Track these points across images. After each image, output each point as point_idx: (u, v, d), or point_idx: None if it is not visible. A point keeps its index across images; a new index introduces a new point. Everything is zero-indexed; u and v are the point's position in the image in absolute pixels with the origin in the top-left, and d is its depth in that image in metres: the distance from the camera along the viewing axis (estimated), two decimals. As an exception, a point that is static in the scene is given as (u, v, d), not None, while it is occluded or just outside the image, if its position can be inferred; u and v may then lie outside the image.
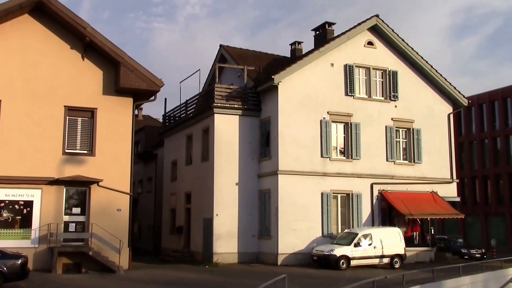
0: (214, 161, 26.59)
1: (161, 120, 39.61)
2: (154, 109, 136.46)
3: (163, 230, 33.27)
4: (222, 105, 27.02)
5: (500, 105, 49.34)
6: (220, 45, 32.83)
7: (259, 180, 27.25)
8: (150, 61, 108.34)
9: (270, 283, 10.55)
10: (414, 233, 28.24)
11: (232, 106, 27.24)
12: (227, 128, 27.01)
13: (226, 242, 26.10)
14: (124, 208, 22.48)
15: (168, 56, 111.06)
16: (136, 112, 28.54)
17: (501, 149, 49.16)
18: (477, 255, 32.07)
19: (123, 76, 22.32)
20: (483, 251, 33.42)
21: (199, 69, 30.33)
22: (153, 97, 23.78)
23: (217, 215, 26.16)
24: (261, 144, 27.51)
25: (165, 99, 34.64)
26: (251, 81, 28.83)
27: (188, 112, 30.93)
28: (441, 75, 30.17)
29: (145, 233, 38.77)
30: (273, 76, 26.07)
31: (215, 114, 26.91)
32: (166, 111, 34.23)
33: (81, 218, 22.00)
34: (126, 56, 22.49)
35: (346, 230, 25.91)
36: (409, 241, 27.03)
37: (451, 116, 30.81)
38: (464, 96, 30.86)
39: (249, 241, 26.60)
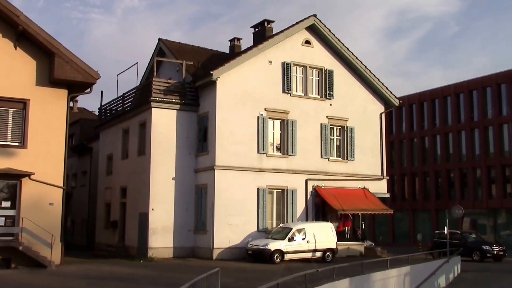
0: (151, 156, 26.41)
1: (97, 113, 38.81)
2: (90, 102, 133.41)
3: (97, 225, 32.69)
4: (160, 99, 26.85)
5: (428, 106, 51.63)
6: (159, 39, 32.55)
7: (196, 175, 27.31)
8: (87, 53, 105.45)
9: (203, 277, 10.64)
10: (346, 228, 29.13)
11: (170, 100, 27.12)
12: (164, 122, 26.88)
13: (161, 237, 26.03)
14: (57, 202, 21.96)
15: (105, 49, 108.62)
16: (71, 104, 27.85)
17: (429, 148, 51.49)
18: (500, 252, 31.52)
19: (57, 67, 21.74)
20: (504, 247, 32.54)
21: (137, 63, 29.97)
22: (88, 90, 23.28)
23: (153, 209, 26.02)
24: (199, 139, 27.57)
25: (102, 92, 34.06)
26: (190, 76, 28.79)
27: (125, 106, 30.50)
28: (374, 75, 31.22)
29: (79, 227, 37.93)
30: (211, 72, 26.16)
31: (152, 108, 26.71)
32: (102, 104, 33.61)
33: (11, 212, 21.29)
34: (61, 46, 21.92)
35: (280, 225, 26.42)
36: (341, 236, 27.89)
37: (383, 115, 31.94)
38: (395, 97, 32.07)
39: (185, 235, 26.65)
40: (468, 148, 48.14)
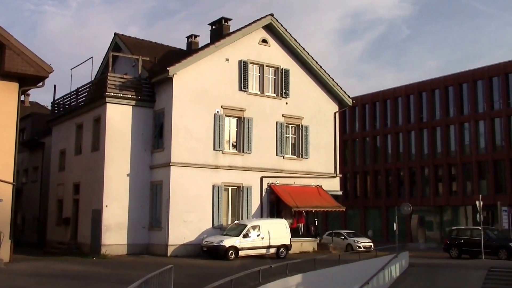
0: (105, 152, 26.13)
1: (49, 108, 37.96)
2: (42, 96, 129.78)
3: (49, 222, 32.05)
4: (115, 94, 26.58)
5: (380, 106, 52.96)
6: (115, 34, 32.14)
7: (151, 172, 27.20)
8: (39, 46, 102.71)
9: (155, 274, 10.61)
10: (300, 224, 29.64)
11: (126, 96, 26.89)
12: (119, 118, 26.63)
13: (115, 234, 25.80)
14: (6, 198, 21.41)
15: (59, 42, 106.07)
16: (22, 98, 27.18)
17: (380, 147, 52.83)
18: None
19: (8, 60, 21.16)
20: None
21: (92, 57, 29.55)
22: (41, 83, 22.76)
23: (106, 206, 25.77)
24: (154, 135, 27.45)
25: (55, 86, 33.46)
26: (146, 71, 28.61)
27: (79, 101, 30.01)
28: (329, 75, 31.81)
29: (30, 224, 37.03)
30: (168, 68, 26.09)
31: (107, 104, 26.41)
32: (55, 99, 32.94)
33: (-41, 208, 20.70)
34: (12, 38, 21.34)
35: (235, 222, 26.64)
36: (295, 232, 28.33)
37: (337, 114, 32.59)
38: (349, 97, 32.78)
39: (139, 232, 26.50)
40: (417, 147, 49.65)
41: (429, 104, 48.91)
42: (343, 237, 34.99)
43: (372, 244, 34.35)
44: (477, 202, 32.36)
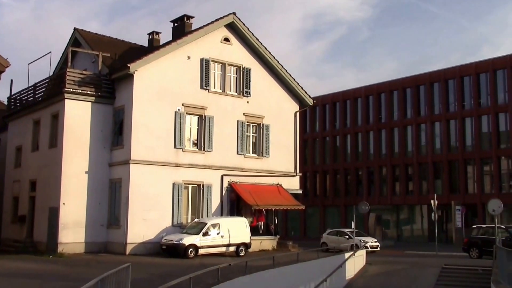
0: (63, 148, 25.70)
1: (5, 103, 36.99)
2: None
3: (4, 219, 31.28)
4: (74, 90, 26.18)
5: (340, 106, 53.73)
6: (75, 28, 31.62)
7: (111, 169, 26.90)
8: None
9: (112, 272, 10.49)
10: (260, 223, 29.84)
11: (85, 92, 26.51)
12: (78, 114, 26.24)
13: (73, 232, 25.43)
14: (-40, 195, 20.90)
15: (16, 36, 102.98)
16: (-24, 92, 26.48)
17: (340, 147, 53.62)
18: None
19: (-37, 53, 20.63)
20: None
21: (50, 52, 29.06)
22: (-3, 78, 22.27)
23: (64, 204, 25.36)
24: (114, 132, 27.15)
25: (11, 80, 32.55)
26: (106, 68, 28.26)
27: (36, 96, 29.41)
28: (290, 75, 32.11)
29: (-18, 222, 36.01)
30: (129, 65, 25.84)
31: (65, 100, 25.99)
32: (12, 94, 32.16)
33: None
34: (-32, 31, 20.83)
35: (195, 220, 26.62)
36: (254, 230, 28.52)
37: (298, 114, 32.93)
38: (310, 96, 33.16)
39: (98, 230, 26.19)
40: (375, 147, 50.61)
41: (387, 105, 49.91)
42: (347, 236, 33.77)
43: (379, 244, 34.11)
44: (432, 202, 33.32)
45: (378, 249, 33.69)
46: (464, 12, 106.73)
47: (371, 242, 33.64)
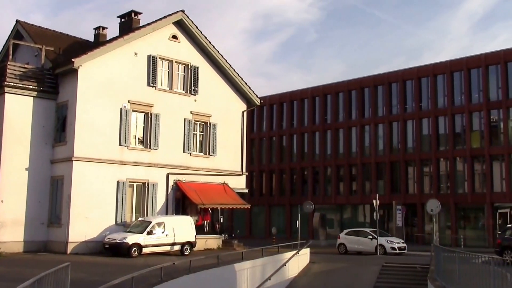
0: (2, 144, 24.83)
1: None
2: None
3: None
4: (15, 84, 25.35)
5: (287, 107, 54.34)
6: (17, 21, 30.58)
7: (52, 166, 26.22)
8: None
9: (51, 272, 10.22)
10: (205, 221, 29.78)
11: (26, 86, 25.71)
12: (19, 109, 25.42)
13: (11, 230, 24.62)
14: None
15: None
16: None
17: (286, 147, 54.24)
18: None
19: None
20: None
21: (-10, 44, 27.95)
22: None
23: (2, 201, 24.53)
24: (57, 128, 26.48)
25: None
26: (49, 62, 27.51)
27: (-26, 89, 28.24)
28: (238, 74, 32.21)
29: None
30: (73, 60, 25.25)
31: (6, 94, 25.12)
32: None
33: None
34: None
35: (140, 219, 26.31)
36: (200, 229, 28.47)
37: (245, 113, 33.08)
38: (257, 96, 33.37)
39: (38, 229, 25.46)
40: (321, 148, 51.46)
41: (333, 107, 50.84)
42: (370, 237, 32.20)
43: (406, 246, 32.23)
44: (374, 201, 34.19)
45: (405, 251, 31.78)
46: (408, 18, 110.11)
47: (399, 243, 31.97)
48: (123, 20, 31.85)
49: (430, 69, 44.92)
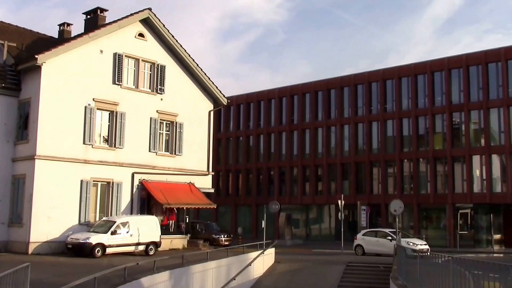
0: (-39, 141, 24.20)
1: None
2: None
3: None
4: (-25, 80, 24.72)
5: (255, 107, 54.45)
6: (-23, 14, 29.86)
7: (14, 165, 25.66)
8: None
9: (9, 273, 9.97)
10: (170, 221, 29.62)
11: (-13, 83, 25.10)
12: (-21, 106, 24.81)
13: (-30, 230, 24.01)
14: None
15: None
16: None
17: (253, 147, 54.34)
18: None
19: None
20: None
21: (-51, 38, 27.14)
22: None
23: (-39, 200, 23.90)
24: (19, 126, 25.92)
25: None
26: (12, 58, 26.91)
27: None
28: (205, 74, 32.12)
29: None
30: (37, 56, 24.76)
31: (-35, 90, 24.50)
32: None
33: None
34: None
35: (104, 218, 25.99)
36: (165, 229, 28.30)
37: (212, 113, 33.03)
38: (224, 96, 33.35)
39: (-2, 229, 24.88)
40: (287, 148, 51.72)
41: (300, 107, 51.16)
42: (390, 238, 30.33)
43: (429, 248, 29.58)
44: (339, 202, 34.60)
45: (428, 253, 29.94)
46: (374, 21, 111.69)
47: (422, 245, 29.97)
48: (88, 17, 31.37)
49: (395, 71, 45.66)
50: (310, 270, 26.74)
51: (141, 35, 29.45)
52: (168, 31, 30.30)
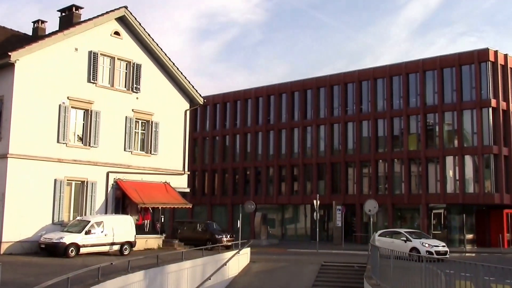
0: None
1: None
2: None
3: None
4: None
5: (231, 106, 54.46)
6: None
7: (-15, 163, 25.19)
8: None
9: None
10: (146, 221, 29.42)
11: (-42, 79, 24.60)
12: (-50, 103, 24.29)
13: None
14: None
15: None
16: None
17: (229, 146, 54.35)
18: None
19: None
20: None
21: None
22: None
23: None
24: (-9, 124, 25.45)
25: None
26: (-16, 55, 26.40)
27: None
28: (181, 73, 32.00)
29: None
30: (10, 53, 24.31)
31: None
32: None
33: None
34: None
35: (78, 218, 25.69)
36: (140, 229, 28.11)
37: (188, 112, 32.92)
38: (200, 95, 33.26)
39: (-32, 228, 24.39)
40: (263, 148, 51.86)
41: (276, 108, 51.33)
42: (404, 239, 28.30)
43: (448, 250, 27.75)
44: (315, 201, 34.83)
45: (448, 256, 26.56)
46: (350, 22, 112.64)
47: (439, 246, 27.71)
48: (63, 14, 30.97)
49: (371, 73, 46.12)
50: (285, 269, 26.85)
51: (116, 33, 29.20)
52: (144, 29, 30.11)
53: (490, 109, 40.24)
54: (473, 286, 12.61)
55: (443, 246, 28.42)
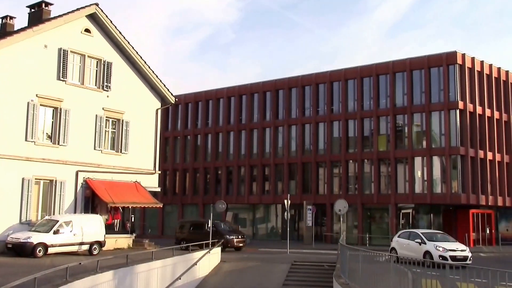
0: None
1: None
2: None
3: None
4: None
5: (203, 106, 54.35)
6: None
7: (-50, 161, 24.63)
8: None
9: None
10: (115, 220, 29.18)
11: None
12: None
13: None
14: None
15: None
16: None
17: (201, 146, 54.22)
18: None
19: None
20: None
21: None
22: None
23: None
24: (-44, 121, 24.89)
25: None
26: (-51, 50, 25.77)
27: None
28: (153, 71, 31.79)
29: None
30: (-24, 49, 23.89)
31: None
32: None
33: None
34: None
35: (46, 217, 25.34)
36: (110, 228, 27.87)
37: (159, 111, 32.73)
38: (172, 94, 33.10)
39: None
40: (235, 148, 51.87)
41: (248, 107, 51.40)
42: (419, 241, 25.15)
43: (470, 254, 24.24)
44: (286, 201, 35.00)
45: (469, 261, 23.14)
46: (321, 23, 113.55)
47: (453, 250, 24.15)
48: (32, 10, 30.38)
49: (342, 74, 46.55)
50: (256, 269, 26.94)
51: (87, 30, 28.86)
52: (116, 27, 29.83)
53: (458, 111, 41.07)
54: (439, 285, 12.92)
55: (462, 250, 24.46)
